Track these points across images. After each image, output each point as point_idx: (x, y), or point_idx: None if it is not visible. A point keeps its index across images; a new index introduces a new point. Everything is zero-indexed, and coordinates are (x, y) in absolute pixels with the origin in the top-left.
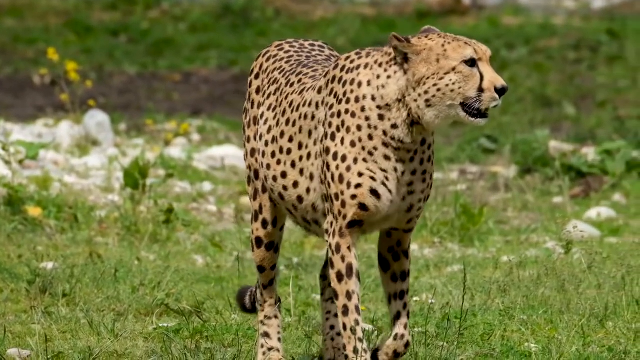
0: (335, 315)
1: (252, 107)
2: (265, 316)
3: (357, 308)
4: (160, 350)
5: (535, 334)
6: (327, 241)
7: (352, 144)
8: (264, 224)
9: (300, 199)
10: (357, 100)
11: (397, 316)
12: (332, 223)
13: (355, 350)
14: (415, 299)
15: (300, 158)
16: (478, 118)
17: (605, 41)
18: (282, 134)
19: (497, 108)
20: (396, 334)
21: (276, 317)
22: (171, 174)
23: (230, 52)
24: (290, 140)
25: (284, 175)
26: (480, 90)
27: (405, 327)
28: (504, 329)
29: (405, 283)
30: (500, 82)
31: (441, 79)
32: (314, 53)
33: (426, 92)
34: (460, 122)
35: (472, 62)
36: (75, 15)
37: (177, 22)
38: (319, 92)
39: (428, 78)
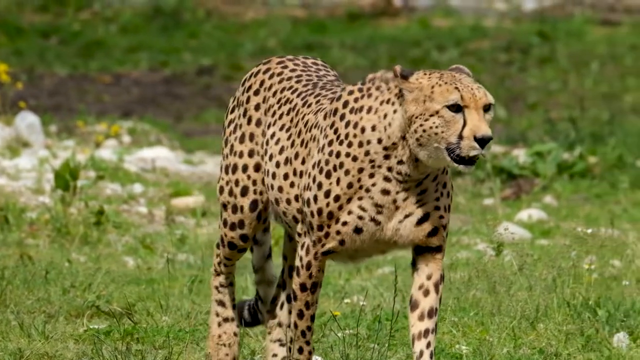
0: None
1: (249, 124)
2: (221, 284)
3: (312, 317)
4: (91, 352)
5: (466, 336)
6: (298, 246)
7: (349, 186)
8: (244, 238)
9: None
10: (360, 145)
11: (420, 354)
12: (306, 234)
13: (300, 350)
14: (346, 300)
15: None
16: (461, 165)
17: (536, 43)
18: (296, 156)
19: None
20: None
21: (231, 284)
22: (102, 176)
23: (161, 53)
24: (303, 162)
25: (297, 198)
26: (460, 137)
27: None
28: None
29: (432, 321)
30: (482, 132)
31: (426, 120)
32: (321, 73)
33: (415, 131)
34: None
35: (456, 108)
36: (5, 16)
37: (107, 24)
38: (325, 117)
39: (417, 117)
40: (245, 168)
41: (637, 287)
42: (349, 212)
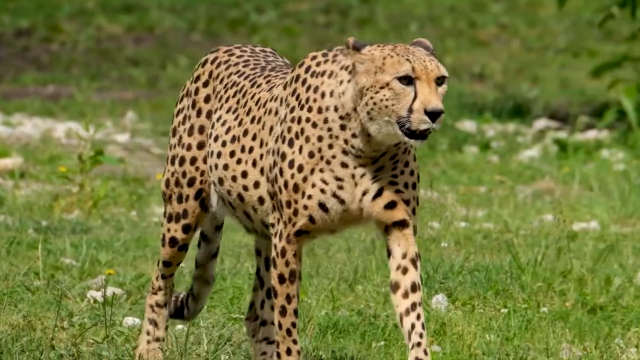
0: (271, 357)
1: (199, 116)
2: (157, 303)
3: (295, 311)
4: None
5: None
6: (271, 237)
7: (311, 155)
8: (186, 229)
9: (261, 200)
10: (319, 111)
11: (412, 327)
12: (279, 221)
13: (289, 351)
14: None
15: (261, 156)
16: (412, 139)
17: (356, 5)
18: (245, 133)
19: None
20: (413, 344)
21: (166, 305)
22: None
23: None
24: (254, 138)
25: (244, 174)
26: (410, 110)
27: (421, 336)
28: None
29: (416, 295)
30: (432, 105)
31: (376, 92)
32: (270, 59)
33: (366, 104)
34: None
35: (408, 80)
36: None
37: None
38: (284, 88)
39: (367, 90)
40: (193, 160)
41: (456, 248)
42: (312, 185)
